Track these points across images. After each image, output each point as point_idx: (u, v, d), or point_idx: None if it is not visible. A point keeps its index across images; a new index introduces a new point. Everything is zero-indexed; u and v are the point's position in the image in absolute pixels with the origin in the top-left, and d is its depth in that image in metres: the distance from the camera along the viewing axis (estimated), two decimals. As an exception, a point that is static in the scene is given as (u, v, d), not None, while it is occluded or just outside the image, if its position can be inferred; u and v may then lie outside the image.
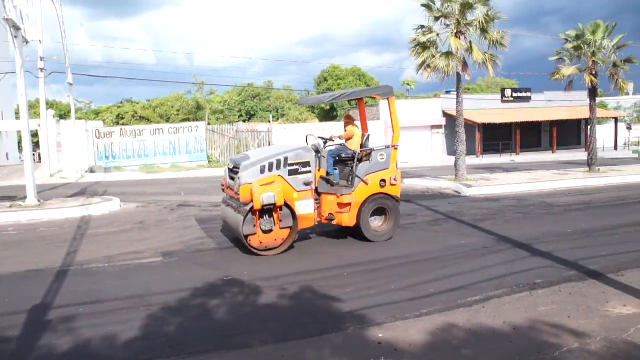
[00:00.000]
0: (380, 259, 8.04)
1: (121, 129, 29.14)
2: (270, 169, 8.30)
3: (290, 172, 8.43)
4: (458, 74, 18.57)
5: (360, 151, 9.30)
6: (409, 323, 5.36)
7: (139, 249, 8.93)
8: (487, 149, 36.97)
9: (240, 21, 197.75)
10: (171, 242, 9.46)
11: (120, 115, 38.16)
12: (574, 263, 7.58)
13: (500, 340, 4.92)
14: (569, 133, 42.69)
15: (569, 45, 21.31)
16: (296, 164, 8.49)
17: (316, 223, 9.08)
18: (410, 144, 34.03)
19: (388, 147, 9.46)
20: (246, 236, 8.04)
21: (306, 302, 6.12)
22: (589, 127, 23.39)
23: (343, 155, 9.42)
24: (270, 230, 8.19)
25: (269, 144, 30.30)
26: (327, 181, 9.01)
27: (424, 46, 18.22)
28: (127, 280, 7.16)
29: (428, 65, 18.14)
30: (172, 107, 37.73)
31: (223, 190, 9.55)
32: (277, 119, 49.56)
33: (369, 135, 10.02)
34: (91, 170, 27.36)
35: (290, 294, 6.40)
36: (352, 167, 9.17)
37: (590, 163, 21.69)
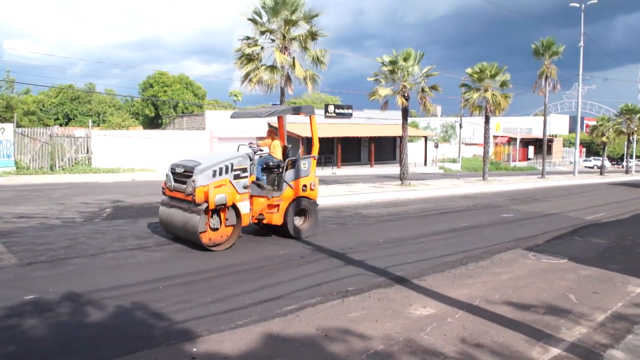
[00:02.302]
0: (197, 271, 7.83)
1: None
2: (220, 174, 9.11)
3: (235, 177, 9.33)
4: (282, 88, 19.00)
5: (287, 160, 10.40)
6: (225, 335, 5.27)
7: None
8: (311, 162, 38.27)
9: (58, 16, 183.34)
10: (-42, 261, 8.24)
11: None
12: (383, 270, 8.09)
13: (313, 348, 5.04)
14: (386, 149, 46.14)
15: (385, 69, 23.11)
16: (239, 169, 9.40)
17: (250, 222, 9.92)
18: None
19: (309, 157, 10.76)
20: (200, 233, 8.72)
21: (118, 320, 5.71)
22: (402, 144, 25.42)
23: (270, 163, 10.64)
24: (217, 229, 9.14)
25: (88, 151, 28.53)
26: (259, 185, 10.11)
27: (249, 58, 18.37)
28: None
29: (251, 79, 18.32)
30: (-25, 106, 33.47)
31: (164, 193, 9.93)
32: (99, 124, 46.60)
33: (291, 147, 11.23)
34: None
35: (102, 312, 5.93)
36: (277, 174, 10.48)
37: (402, 177, 23.62)
